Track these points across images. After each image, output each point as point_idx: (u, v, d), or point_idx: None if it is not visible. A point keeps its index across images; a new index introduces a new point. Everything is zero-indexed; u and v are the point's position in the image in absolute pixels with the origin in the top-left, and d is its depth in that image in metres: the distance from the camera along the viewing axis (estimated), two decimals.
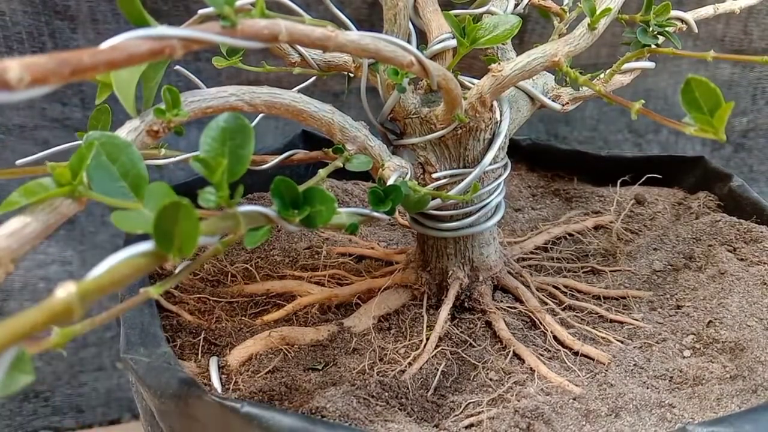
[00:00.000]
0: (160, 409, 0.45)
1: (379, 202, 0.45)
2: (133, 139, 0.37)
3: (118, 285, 0.27)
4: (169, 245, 0.28)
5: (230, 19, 0.30)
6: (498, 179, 0.54)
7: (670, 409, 0.45)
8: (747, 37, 0.88)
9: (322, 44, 0.33)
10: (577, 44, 0.49)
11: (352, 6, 0.80)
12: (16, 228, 0.29)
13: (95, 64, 0.25)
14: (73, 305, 0.24)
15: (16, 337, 0.23)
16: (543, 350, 0.53)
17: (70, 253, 0.83)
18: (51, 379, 0.83)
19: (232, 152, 0.32)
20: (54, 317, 0.24)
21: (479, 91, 0.48)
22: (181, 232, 0.28)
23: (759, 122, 0.94)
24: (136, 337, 0.48)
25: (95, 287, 0.26)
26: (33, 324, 0.23)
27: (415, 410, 0.47)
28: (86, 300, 0.25)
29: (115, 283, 0.27)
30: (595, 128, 0.92)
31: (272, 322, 0.55)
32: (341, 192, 0.73)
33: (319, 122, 0.46)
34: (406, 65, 0.39)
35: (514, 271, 0.58)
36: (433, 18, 0.51)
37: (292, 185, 0.36)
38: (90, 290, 0.25)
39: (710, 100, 0.34)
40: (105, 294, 0.26)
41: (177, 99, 0.38)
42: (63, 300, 0.24)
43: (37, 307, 0.24)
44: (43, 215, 0.31)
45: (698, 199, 0.69)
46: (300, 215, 0.35)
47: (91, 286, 0.26)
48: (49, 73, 0.23)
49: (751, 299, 0.54)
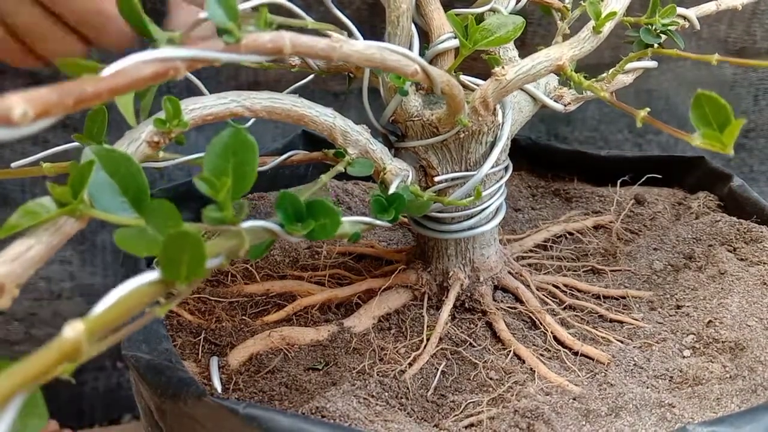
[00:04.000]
0: (159, 408, 0.45)
1: (383, 210, 0.45)
2: (134, 150, 0.37)
3: (126, 317, 0.26)
4: (177, 273, 0.28)
5: (234, 35, 0.29)
6: (499, 181, 0.54)
7: (670, 408, 0.45)
8: (750, 38, 0.88)
9: (327, 55, 0.33)
10: (582, 48, 0.49)
11: (352, 7, 0.80)
12: (20, 251, 0.29)
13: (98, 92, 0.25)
14: (82, 344, 0.24)
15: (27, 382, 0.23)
16: (543, 350, 0.53)
17: (70, 252, 0.83)
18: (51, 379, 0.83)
19: (236, 170, 0.32)
20: (63, 357, 0.23)
21: (483, 95, 0.48)
22: (188, 259, 0.28)
23: (759, 122, 0.94)
24: (138, 334, 0.48)
25: (103, 322, 0.25)
26: (43, 367, 0.23)
27: (415, 410, 0.47)
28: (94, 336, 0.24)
29: (123, 315, 0.26)
30: (595, 128, 0.92)
31: (272, 323, 0.54)
32: (342, 192, 0.73)
33: (321, 126, 0.46)
34: (411, 74, 0.39)
35: (514, 271, 0.58)
36: (435, 17, 0.51)
37: (295, 199, 0.35)
38: (98, 326, 0.25)
39: (720, 116, 0.34)
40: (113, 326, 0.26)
41: (177, 109, 0.38)
42: (71, 339, 0.24)
43: (45, 349, 0.23)
44: (46, 236, 0.31)
45: (698, 199, 0.69)
46: (304, 229, 0.35)
47: (99, 322, 0.25)
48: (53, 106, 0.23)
49: (751, 299, 0.54)
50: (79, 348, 0.24)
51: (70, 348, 0.24)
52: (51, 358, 0.23)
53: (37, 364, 0.23)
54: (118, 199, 0.32)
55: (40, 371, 0.23)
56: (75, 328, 0.24)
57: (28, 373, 0.23)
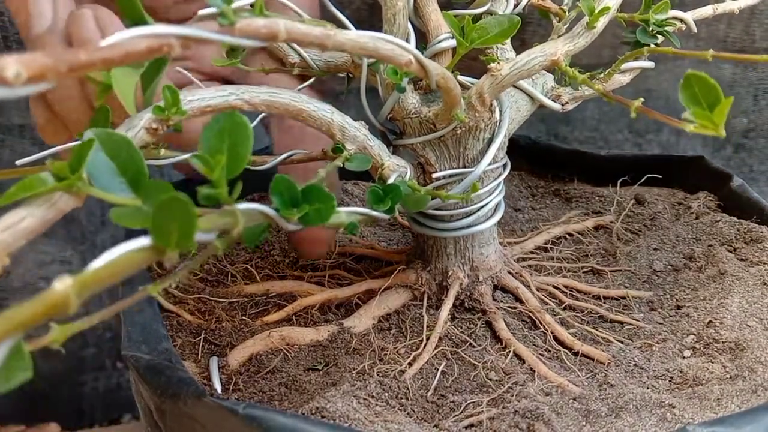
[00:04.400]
0: (159, 409, 0.45)
1: (379, 201, 0.45)
2: (132, 136, 0.37)
3: (117, 278, 0.27)
4: (167, 239, 0.28)
5: (228, 18, 0.30)
6: (497, 179, 0.54)
7: (671, 409, 0.45)
8: (749, 38, 0.88)
9: (321, 43, 0.33)
10: (576, 43, 0.49)
11: (352, 7, 0.80)
12: (12, 222, 0.29)
13: (92, 61, 0.25)
14: (70, 297, 0.24)
15: (13, 329, 0.23)
16: (543, 350, 0.53)
17: (70, 252, 0.83)
18: (51, 379, 0.83)
19: (230, 150, 0.33)
20: (51, 309, 0.24)
21: (478, 90, 0.48)
22: (179, 226, 0.28)
23: (759, 122, 0.94)
24: (138, 334, 0.48)
25: (93, 279, 0.26)
26: (30, 315, 0.23)
27: (415, 410, 0.47)
28: (83, 292, 0.25)
29: (114, 275, 0.27)
30: (595, 128, 0.92)
31: (272, 323, 0.54)
32: (341, 192, 0.72)
33: (319, 122, 0.46)
34: (405, 64, 0.39)
35: (514, 271, 0.58)
36: (433, 18, 0.51)
37: (291, 183, 0.36)
38: (87, 282, 0.25)
39: (710, 96, 0.34)
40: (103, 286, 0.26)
41: (176, 97, 0.38)
42: (60, 292, 0.24)
43: (34, 300, 0.24)
44: (41, 210, 0.31)
45: (698, 199, 0.69)
46: (299, 213, 0.35)
47: (89, 278, 0.26)
48: (46, 70, 0.23)
49: (751, 299, 0.54)
50: (67, 301, 0.24)
51: (59, 300, 0.24)
52: (39, 308, 0.24)
53: (24, 313, 0.24)
54: (116, 180, 0.32)
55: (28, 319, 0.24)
56: (64, 282, 0.24)
57: (16, 320, 0.23)
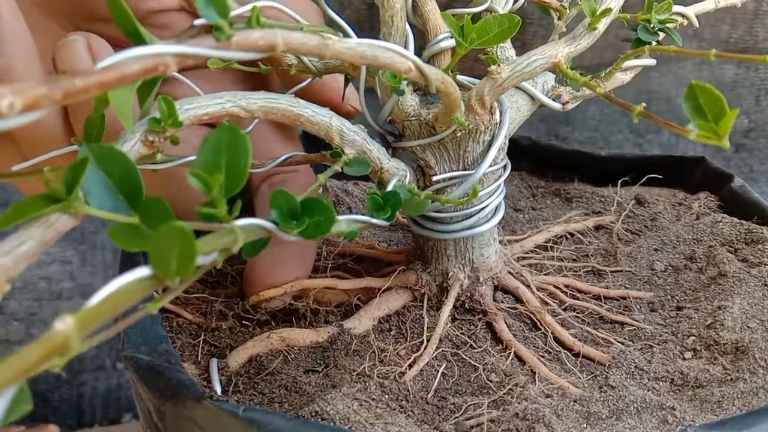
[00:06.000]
0: (159, 410, 0.45)
1: (379, 208, 0.45)
2: (129, 149, 0.37)
3: (117, 311, 0.27)
4: (167, 270, 0.28)
5: (224, 32, 0.29)
6: (498, 180, 0.54)
7: (671, 411, 0.45)
8: (752, 39, 0.87)
9: (319, 52, 0.33)
10: (578, 45, 0.49)
11: (351, 7, 0.80)
12: (12, 246, 0.29)
13: (87, 86, 0.25)
14: (72, 338, 0.24)
15: (18, 375, 0.23)
16: (544, 351, 0.53)
17: (70, 252, 0.83)
18: (51, 379, 0.83)
19: (228, 166, 0.32)
20: (53, 351, 0.24)
21: (478, 93, 0.48)
22: (179, 255, 0.28)
23: (760, 123, 0.94)
24: (138, 335, 0.48)
25: (93, 316, 0.25)
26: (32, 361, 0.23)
27: (415, 412, 0.47)
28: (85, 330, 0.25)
29: (114, 309, 0.27)
30: (596, 128, 0.92)
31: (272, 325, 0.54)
32: (341, 192, 0.72)
33: (317, 126, 0.46)
34: (404, 71, 0.39)
35: (515, 271, 0.58)
36: (431, 17, 0.51)
37: (290, 197, 0.35)
38: (88, 320, 0.25)
39: (714, 107, 0.34)
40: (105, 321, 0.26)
41: (172, 108, 0.38)
42: (61, 333, 0.24)
43: (35, 343, 0.23)
44: (39, 232, 0.31)
45: (699, 200, 0.69)
46: (299, 227, 0.35)
47: (89, 315, 0.25)
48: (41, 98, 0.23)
49: (752, 301, 0.54)
50: (69, 342, 0.24)
51: (60, 342, 0.24)
52: (41, 352, 0.23)
53: (27, 359, 0.23)
54: (113, 197, 0.32)
55: (31, 365, 0.23)
56: (65, 322, 0.24)
57: (19, 368, 0.23)
